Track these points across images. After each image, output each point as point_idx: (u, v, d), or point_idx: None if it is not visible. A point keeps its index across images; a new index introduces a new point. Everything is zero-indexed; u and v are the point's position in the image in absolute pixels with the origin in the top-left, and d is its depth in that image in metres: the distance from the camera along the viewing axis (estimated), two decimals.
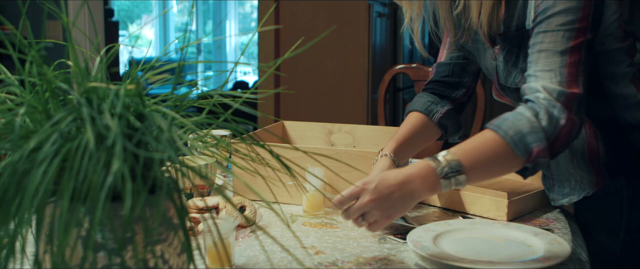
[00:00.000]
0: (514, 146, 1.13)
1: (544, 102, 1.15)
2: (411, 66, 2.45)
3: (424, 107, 1.50)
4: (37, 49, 0.72)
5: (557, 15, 1.18)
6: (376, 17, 4.22)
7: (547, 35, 1.19)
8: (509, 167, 1.19)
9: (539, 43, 1.20)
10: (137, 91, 0.70)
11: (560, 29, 1.18)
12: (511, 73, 1.34)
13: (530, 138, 1.13)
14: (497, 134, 1.14)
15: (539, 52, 1.19)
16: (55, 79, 0.74)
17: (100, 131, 0.65)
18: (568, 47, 1.17)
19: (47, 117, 0.77)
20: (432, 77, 1.57)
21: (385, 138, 1.63)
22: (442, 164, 1.13)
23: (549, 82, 1.16)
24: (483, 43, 1.40)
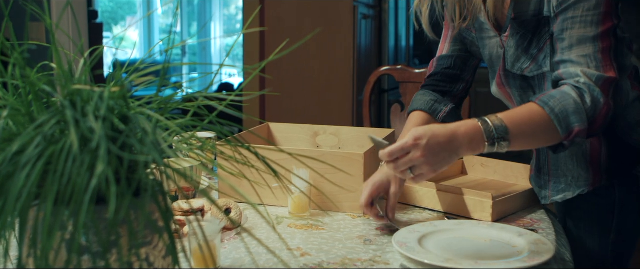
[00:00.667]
0: (558, 123, 1.18)
1: (585, 87, 1.19)
2: (396, 68, 2.45)
3: (428, 106, 1.51)
4: (20, 52, 0.72)
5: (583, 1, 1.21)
6: (361, 19, 4.23)
7: (576, 21, 1.22)
8: (548, 141, 1.23)
9: (568, 29, 1.23)
10: (121, 93, 0.70)
11: (588, 14, 1.21)
12: (520, 59, 1.36)
13: (573, 118, 1.18)
14: (543, 109, 1.18)
15: (570, 38, 1.23)
16: (39, 81, 0.73)
17: (85, 134, 0.64)
18: (599, 32, 1.21)
19: (30, 119, 0.76)
20: (433, 71, 1.57)
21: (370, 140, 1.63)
22: (490, 128, 1.16)
23: (587, 67, 1.20)
24: (488, 30, 1.41)
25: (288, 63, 4.09)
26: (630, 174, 1.40)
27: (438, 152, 1.15)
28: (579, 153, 1.39)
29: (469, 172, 1.80)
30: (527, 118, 1.20)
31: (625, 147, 1.38)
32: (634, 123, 1.38)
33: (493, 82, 1.47)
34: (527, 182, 1.65)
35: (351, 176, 1.38)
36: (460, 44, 1.55)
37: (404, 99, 2.43)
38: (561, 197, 1.43)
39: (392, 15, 4.89)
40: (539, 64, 1.33)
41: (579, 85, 1.20)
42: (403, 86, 2.42)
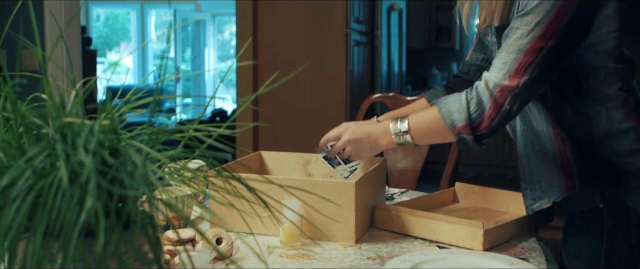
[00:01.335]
0: (444, 119, 1.36)
1: (479, 91, 1.33)
2: (388, 95, 2.47)
3: (432, 96, 1.67)
4: (11, 85, 0.72)
5: (529, 14, 1.28)
6: (354, 46, 4.26)
7: (516, 31, 1.30)
8: (444, 136, 1.40)
9: (507, 36, 1.32)
10: (112, 126, 0.71)
11: (526, 27, 1.29)
12: None
13: (456, 116, 1.34)
14: (437, 108, 1.38)
15: (503, 45, 1.33)
16: (30, 113, 0.74)
17: (74, 168, 0.65)
18: (528, 47, 1.29)
19: (21, 152, 0.77)
20: (455, 73, 1.72)
21: (362, 168, 1.64)
22: (397, 126, 1.43)
23: (495, 74, 1.32)
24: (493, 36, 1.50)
25: (281, 89, 4.11)
26: (619, 201, 1.41)
27: (361, 140, 1.48)
28: (548, 155, 1.44)
29: (461, 199, 1.81)
30: (426, 117, 1.41)
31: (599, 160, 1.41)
32: (625, 152, 1.39)
33: None
34: (518, 210, 1.65)
35: (341, 207, 1.38)
36: (482, 52, 1.65)
37: None
38: (537, 205, 1.49)
39: (384, 42, 4.93)
40: None
41: (475, 87, 1.34)
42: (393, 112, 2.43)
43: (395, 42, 5.30)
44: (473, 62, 1.67)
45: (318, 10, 4.14)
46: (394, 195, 1.93)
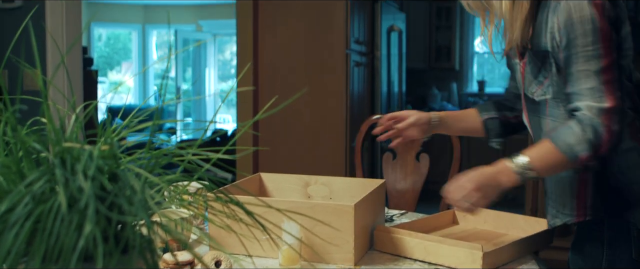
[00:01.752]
0: (565, 153, 1.37)
1: (587, 119, 1.35)
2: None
3: (483, 110, 1.79)
4: (12, 111, 0.73)
5: (577, 38, 1.36)
6: (354, 66, 4.28)
7: (577, 57, 1.36)
8: (564, 167, 1.43)
9: (573, 64, 1.38)
10: (111, 152, 0.71)
11: (587, 50, 1.35)
12: (532, 84, 1.51)
13: (577, 148, 1.36)
14: (553, 144, 1.39)
15: (577, 72, 1.37)
16: (29, 138, 0.74)
17: (73, 193, 0.65)
18: (601, 66, 1.35)
19: (20, 176, 0.77)
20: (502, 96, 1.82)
21: (362, 190, 1.64)
22: (519, 165, 1.40)
23: (590, 100, 1.36)
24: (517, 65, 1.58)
25: (281, 110, 4.12)
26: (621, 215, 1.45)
27: (486, 185, 1.42)
28: (565, 182, 1.51)
29: (460, 222, 1.81)
30: (545, 152, 1.41)
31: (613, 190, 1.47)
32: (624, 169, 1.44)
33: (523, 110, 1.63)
34: (517, 232, 1.65)
35: (338, 230, 1.38)
36: (513, 80, 1.73)
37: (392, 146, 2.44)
38: (552, 223, 1.55)
39: (384, 62, 4.95)
40: (544, 90, 1.48)
41: (582, 118, 1.36)
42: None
43: (395, 63, 5.32)
44: (510, 90, 1.77)
45: (318, 31, 4.17)
46: (393, 217, 1.93)
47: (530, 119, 1.59)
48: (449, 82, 7.33)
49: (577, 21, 1.35)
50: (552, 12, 1.41)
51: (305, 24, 4.17)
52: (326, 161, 4.18)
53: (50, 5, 3.33)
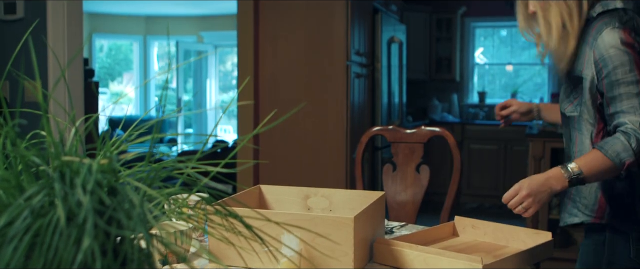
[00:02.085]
0: (612, 159, 1.61)
1: (631, 131, 1.61)
2: (387, 128, 2.48)
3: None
4: (12, 125, 0.73)
5: (617, 68, 1.64)
6: (354, 78, 4.29)
7: (620, 82, 1.64)
8: (611, 173, 1.65)
9: (615, 87, 1.65)
10: (110, 166, 0.71)
11: (627, 77, 1.64)
12: (564, 101, 1.82)
13: (623, 154, 1.60)
14: (601, 152, 1.63)
15: (620, 95, 1.65)
16: (29, 152, 0.74)
17: (72, 208, 0.65)
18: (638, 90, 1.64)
19: (20, 190, 0.77)
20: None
21: (362, 202, 1.64)
22: (571, 172, 1.64)
23: (633, 116, 1.63)
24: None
25: (281, 121, 4.12)
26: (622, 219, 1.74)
27: (538, 191, 1.64)
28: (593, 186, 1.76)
29: (460, 234, 1.81)
30: (593, 160, 1.64)
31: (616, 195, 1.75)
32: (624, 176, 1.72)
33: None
34: (518, 244, 1.65)
35: (338, 244, 1.38)
36: None
37: (395, 158, 2.44)
38: (570, 220, 1.81)
39: (384, 74, 4.96)
40: (573, 108, 1.78)
41: (627, 130, 1.62)
42: (394, 146, 2.44)
43: (395, 74, 5.33)
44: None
45: (318, 43, 4.18)
46: (393, 229, 1.93)
47: (563, 129, 1.88)
48: (450, 94, 7.34)
49: (614, 54, 1.64)
50: (590, 47, 1.69)
51: (306, 35, 4.18)
52: (327, 172, 4.18)
53: (52, 17, 3.34)
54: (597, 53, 1.67)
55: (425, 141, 2.41)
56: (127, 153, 0.88)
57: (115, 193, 0.73)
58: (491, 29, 7.54)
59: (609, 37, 1.65)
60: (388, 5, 5.28)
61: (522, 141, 6.29)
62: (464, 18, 7.25)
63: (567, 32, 1.74)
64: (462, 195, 6.66)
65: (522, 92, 7.43)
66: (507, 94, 7.40)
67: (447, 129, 6.57)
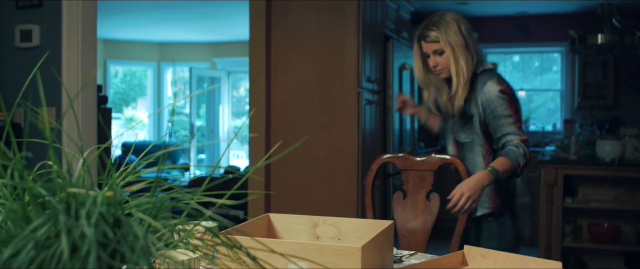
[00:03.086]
0: (514, 162, 2.35)
1: (519, 144, 2.38)
2: (398, 156, 2.48)
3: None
4: (19, 158, 0.74)
5: (500, 106, 2.43)
6: (365, 104, 4.29)
7: (501, 116, 2.42)
8: (511, 173, 2.37)
9: (498, 120, 2.42)
10: (115, 198, 0.72)
11: (505, 112, 2.42)
12: (459, 131, 2.56)
13: (520, 159, 2.37)
14: (507, 158, 2.35)
15: (502, 124, 2.42)
16: (35, 184, 0.75)
17: (76, 240, 0.66)
18: (514, 119, 2.42)
19: (27, 221, 0.78)
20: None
21: (370, 231, 1.64)
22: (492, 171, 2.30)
23: (515, 136, 2.40)
24: (448, 116, 2.65)
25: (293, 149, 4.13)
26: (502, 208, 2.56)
27: (476, 191, 2.26)
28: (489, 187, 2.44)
29: (469, 263, 1.79)
30: (504, 163, 2.34)
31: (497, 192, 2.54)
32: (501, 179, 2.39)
33: (449, 145, 2.67)
34: None
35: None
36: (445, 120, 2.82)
37: (405, 186, 2.44)
38: (480, 212, 2.55)
39: (396, 100, 4.96)
40: (467, 136, 2.53)
41: (517, 144, 2.38)
42: (405, 173, 2.44)
43: None
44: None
45: (330, 69, 4.20)
46: (402, 258, 1.92)
47: (457, 150, 2.59)
48: None
49: (495, 99, 2.42)
50: (479, 93, 2.45)
51: (317, 62, 4.21)
52: (338, 199, 4.17)
53: (67, 45, 3.39)
54: (484, 98, 2.44)
55: (435, 169, 2.40)
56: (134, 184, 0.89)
57: (120, 225, 0.74)
58: (503, 54, 7.55)
59: (492, 87, 2.43)
60: (399, 32, 5.31)
61: (534, 167, 6.25)
62: None
63: (466, 81, 2.47)
64: None
65: (535, 118, 7.40)
66: None
67: None
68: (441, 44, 2.48)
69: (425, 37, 2.52)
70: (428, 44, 2.51)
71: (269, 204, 4.30)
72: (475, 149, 2.52)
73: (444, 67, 2.51)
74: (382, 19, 4.74)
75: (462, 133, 2.53)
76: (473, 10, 6.96)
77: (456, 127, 2.56)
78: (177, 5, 7.06)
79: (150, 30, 9.15)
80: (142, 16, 7.96)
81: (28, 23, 3.52)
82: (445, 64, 2.51)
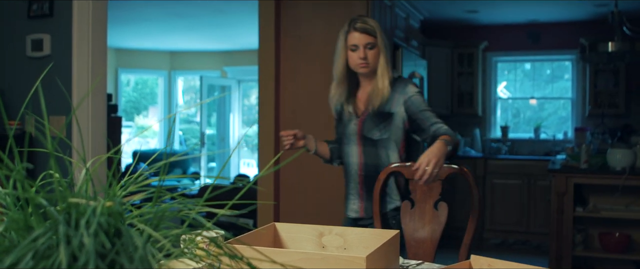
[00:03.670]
0: (454, 137, 2.42)
1: (447, 129, 2.47)
2: (405, 165, 2.47)
3: (328, 142, 2.85)
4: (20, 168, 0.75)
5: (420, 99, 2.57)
6: None
7: (424, 108, 2.55)
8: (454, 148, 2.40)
9: (425, 112, 2.54)
10: (114, 209, 0.72)
11: (424, 105, 2.56)
12: (373, 129, 2.60)
13: (457, 136, 2.47)
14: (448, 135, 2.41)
15: (428, 116, 2.53)
16: (37, 194, 0.76)
17: (74, 251, 0.66)
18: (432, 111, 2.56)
19: (28, 231, 0.78)
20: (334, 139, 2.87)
21: (376, 241, 1.63)
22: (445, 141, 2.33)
23: (441, 124, 2.50)
24: (351, 116, 2.69)
25: (302, 156, 4.13)
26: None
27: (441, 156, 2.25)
28: (392, 183, 2.61)
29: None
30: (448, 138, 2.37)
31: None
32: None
33: (352, 145, 2.68)
34: None
35: None
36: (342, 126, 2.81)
37: (413, 195, 2.43)
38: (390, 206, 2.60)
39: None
40: (382, 133, 2.59)
41: (447, 131, 2.45)
42: (412, 183, 2.43)
43: None
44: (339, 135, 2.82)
45: None
46: (409, 267, 1.91)
47: (363, 149, 2.63)
48: (472, 128, 7.30)
49: (416, 95, 2.56)
50: (401, 93, 2.56)
51: (326, 70, 4.21)
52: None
53: (77, 54, 3.41)
54: (407, 97, 2.55)
55: (443, 178, 2.40)
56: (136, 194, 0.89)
57: (120, 235, 0.74)
58: (514, 62, 7.53)
59: (412, 88, 2.57)
60: (409, 41, 5.31)
61: (544, 175, 6.22)
62: (486, 53, 7.25)
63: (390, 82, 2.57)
64: (486, 231, 6.58)
65: (546, 126, 7.37)
66: (531, 129, 7.34)
67: (470, 163, 6.58)
68: (377, 38, 2.55)
69: (363, 28, 2.55)
70: (363, 36, 2.54)
71: (278, 212, 4.30)
72: (391, 145, 2.59)
73: (371, 62, 2.57)
74: (391, 27, 4.74)
75: (376, 131, 2.59)
76: (483, 19, 6.95)
77: (367, 126, 2.61)
78: (188, 14, 7.09)
79: (161, 39, 9.20)
80: (153, 25, 8.01)
81: (39, 32, 3.55)
82: (373, 60, 2.57)
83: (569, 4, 6.14)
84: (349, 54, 2.61)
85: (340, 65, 2.64)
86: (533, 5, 6.20)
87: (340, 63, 2.64)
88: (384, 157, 2.60)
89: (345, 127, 2.71)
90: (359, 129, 2.64)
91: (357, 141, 2.66)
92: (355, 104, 2.69)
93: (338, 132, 2.78)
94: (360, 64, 2.57)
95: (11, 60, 3.64)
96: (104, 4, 3.56)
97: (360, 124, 2.64)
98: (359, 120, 2.65)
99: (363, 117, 2.63)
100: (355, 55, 2.57)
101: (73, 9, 3.43)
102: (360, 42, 2.55)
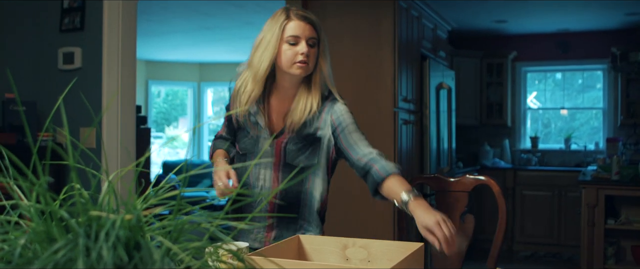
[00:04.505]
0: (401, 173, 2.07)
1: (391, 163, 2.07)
2: (431, 177, 2.46)
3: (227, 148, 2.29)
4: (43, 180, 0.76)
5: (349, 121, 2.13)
6: (402, 124, 4.28)
7: (353, 130, 2.12)
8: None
9: (355, 132, 2.13)
10: (134, 222, 0.73)
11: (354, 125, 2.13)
12: (298, 156, 2.13)
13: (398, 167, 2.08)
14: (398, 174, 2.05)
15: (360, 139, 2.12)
16: (60, 209, 0.77)
17: (93, 264, 0.67)
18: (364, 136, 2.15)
19: (51, 242, 0.80)
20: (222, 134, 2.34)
21: (400, 253, 1.63)
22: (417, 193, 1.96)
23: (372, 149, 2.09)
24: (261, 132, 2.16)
25: None
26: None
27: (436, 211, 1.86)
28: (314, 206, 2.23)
29: None
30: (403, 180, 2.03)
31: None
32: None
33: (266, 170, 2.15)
34: None
35: None
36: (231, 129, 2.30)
37: (439, 208, 2.42)
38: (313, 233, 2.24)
39: (433, 120, 4.93)
40: (309, 160, 2.14)
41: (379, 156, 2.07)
42: (439, 195, 2.42)
43: (444, 120, 5.30)
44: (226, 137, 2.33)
45: (365, 89, 4.20)
46: None
47: (281, 175, 2.12)
48: (501, 139, 7.24)
49: (346, 114, 2.13)
50: (328, 113, 2.13)
51: (353, 82, 4.21)
52: (374, 220, 4.15)
53: (107, 67, 3.47)
54: (334, 116, 2.13)
55: (469, 190, 2.38)
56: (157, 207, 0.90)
57: (139, 248, 0.75)
58: (544, 72, 7.45)
59: (341, 106, 2.14)
60: (436, 51, 5.29)
61: (575, 187, 6.13)
62: (515, 63, 7.19)
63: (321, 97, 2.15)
64: (516, 243, 6.49)
65: (577, 136, 7.27)
66: (561, 139, 7.25)
67: (499, 175, 6.51)
68: (321, 36, 2.08)
69: (306, 18, 2.04)
70: (307, 27, 2.03)
71: None
72: (318, 172, 2.16)
73: (311, 64, 2.06)
74: (418, 38, 4.73)
75: (303, 158, 2.13)
76: (512, 28, 6.90)
77: (290, 153, 2.12)
78: (216, 26, 7.17)
79: (190, 51, 9.30)
80: (182, 38, 8.11)
81: (70, 46, 3.61)
82: (313, 61, 2.07)
83: (599, 14, 6.07)
84: (282, 49, 2.03)
85: (267, 60, 2.02)
86: (562, 15, 6.14)
87: (266, 57, 2.02)
88: (309, 184, 2.17)
89: (253, 144, 2.17)
90: (279, 153, 2.14)
91: (273, 166, 2.14)
92: (268, 116, 2.16)
93: (240, 145, 2.22)
94: (298, 62, 2.02)
95: (43, 73, 3.71)
96: (134, 18, 3.62)
97: (279, 149, 2.14)
98: (277, 142, 2.14)
99: (283, 139, 2.13)
100: (293, 50, 2.02)
101: (103, 23, 3.49)
102: (304, 34, 2.02)
